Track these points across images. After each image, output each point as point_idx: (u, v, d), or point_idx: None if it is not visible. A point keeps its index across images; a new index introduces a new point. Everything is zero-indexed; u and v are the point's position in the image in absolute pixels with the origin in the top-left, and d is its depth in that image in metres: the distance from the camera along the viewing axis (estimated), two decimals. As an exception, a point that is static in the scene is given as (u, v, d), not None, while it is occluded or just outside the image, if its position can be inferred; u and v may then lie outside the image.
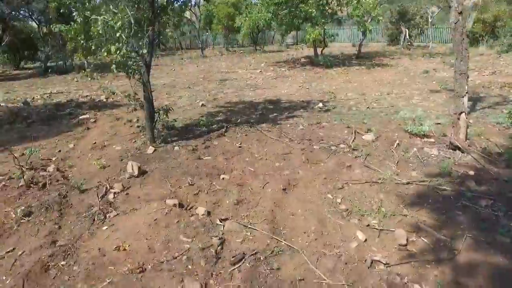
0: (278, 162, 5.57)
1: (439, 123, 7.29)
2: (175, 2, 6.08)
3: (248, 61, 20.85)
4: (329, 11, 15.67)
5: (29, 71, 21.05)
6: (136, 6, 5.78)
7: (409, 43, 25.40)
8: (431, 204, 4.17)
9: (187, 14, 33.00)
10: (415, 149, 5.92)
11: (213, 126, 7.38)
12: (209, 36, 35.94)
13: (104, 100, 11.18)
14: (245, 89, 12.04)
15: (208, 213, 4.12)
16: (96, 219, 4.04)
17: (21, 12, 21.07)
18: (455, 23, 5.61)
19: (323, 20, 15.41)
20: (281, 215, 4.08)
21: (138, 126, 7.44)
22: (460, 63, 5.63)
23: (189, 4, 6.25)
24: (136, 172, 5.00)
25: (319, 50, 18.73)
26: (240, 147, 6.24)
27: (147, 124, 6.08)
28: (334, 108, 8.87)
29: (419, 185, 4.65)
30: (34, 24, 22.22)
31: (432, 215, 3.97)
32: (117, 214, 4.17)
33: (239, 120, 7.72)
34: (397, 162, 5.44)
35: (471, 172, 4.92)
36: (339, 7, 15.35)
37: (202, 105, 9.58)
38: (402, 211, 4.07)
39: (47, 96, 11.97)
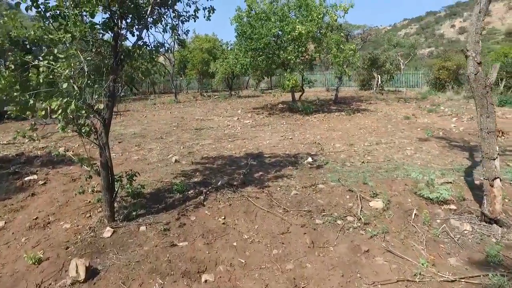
0: (275, 247, 4.22)
1: (450, 182, 6.27)
2: (144, 46, 4.88)
3: (223, 107, 19.82)
4: (307, 57, 15.11)
5: (-15, 117, 19.00)
6: (95, 50, 4.54)
7: (381, 88, 25.54)
8: (501, 322, 2.93)
9: (161, 59, 32.30)
10: (438, 221, 4.77)
11: (189, 192, 5.97)
12: (183, 80, 35.12)
13: (63, 153, 9.56)
14: (223, 139, 10.79)
15: None
16: None
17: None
18: (474, 74, 4.71)
19: (301, 66, 14.79)
20: None
21: (98, 191, 5.93)
22: (486, 119, 4.68)
23: (161, 49, 5.08)
24: (82, 276, 3.49)
25: (296, 96, 18.03)
26: (224, 223, 4.85)
27: (104, 197, 4.60)
28: (326, 163, 7.73)
29: (470, 284, 3.42)
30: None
31: None
32: None
33: (220, 183, 6.37)
34: (425, 243, 4.23)
35: (528, 260, 3.77)
36: (318, 54, 14.83)
37: (176, 161, 8.18)
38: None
39: (-5, 149, 10.20)
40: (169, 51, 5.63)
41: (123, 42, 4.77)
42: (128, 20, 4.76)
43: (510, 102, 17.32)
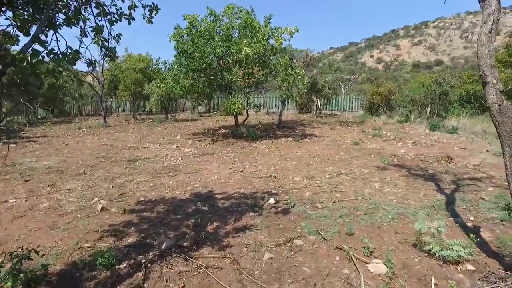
0: None
1: (440, 229, 5.22)
2: (51, 54, 3.05)
3: (160, 132, 17.65)
4: (253, 80, 13.91)
5: None
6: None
7: (320, 112, 25.47)
8: None
9: (89, 78, 29.06)
10: (467, 294, 3.55)
11: (122, 266, 4.06)
12: (114, 102, 31.95)
13: None
14: (162, 174, 8.87)
15: None
16: None
17: None
18: (498, 105, 3.68)
19: (247, 89, 13.52)
20: None
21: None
22: (519, 161, 3.60)
23: (77, 60, 3.28)
24: None
25: (239, 120, 16.67)
26: (177, 326, 3.09)
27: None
28: (293, 205, 6.32)
29: None
30: None
31: None
32: None
33: (164, 245, 4.56)
34: None
35: None
36: (264, 77, 13.71)
37: (103, 209, 6.13)
38: None
39: None
40: (94, 65, 3.83)
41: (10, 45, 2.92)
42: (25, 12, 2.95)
43: (439, 126, 17.87)
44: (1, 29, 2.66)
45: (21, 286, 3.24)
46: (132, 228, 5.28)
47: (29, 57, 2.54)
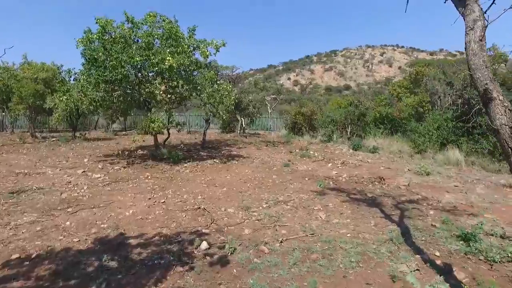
0: None
1: (417, 270, 4.32)
2: None
3: (64, 153, 14.69)
4: (176, 95, 12.26)
5: None
6: None
7: (243, 131, 24.63)
8: None
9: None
10: None
11: None
12: (6, 117, 26.88)
13: None
14: (58, 211, 6.68)
15: None
16: None
17: None
18: (510, 127, 2.82)
19: (169, 106, 11.82)
20: None
21: None
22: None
23: None
24: None
25: (159, 139, 14.73)
26: None
27: None
28: (233, 251, 4.87)
29: None
30: None
31: None
32: None
33: None
34: None
35: None
36: (188, 92, 12.19)
37: None
38: None
39: None
40: None
41: None
42: None
43: (361, 146, 18.22)
44: None
45: None
46: (-14, 314, 3.30)
47: None
